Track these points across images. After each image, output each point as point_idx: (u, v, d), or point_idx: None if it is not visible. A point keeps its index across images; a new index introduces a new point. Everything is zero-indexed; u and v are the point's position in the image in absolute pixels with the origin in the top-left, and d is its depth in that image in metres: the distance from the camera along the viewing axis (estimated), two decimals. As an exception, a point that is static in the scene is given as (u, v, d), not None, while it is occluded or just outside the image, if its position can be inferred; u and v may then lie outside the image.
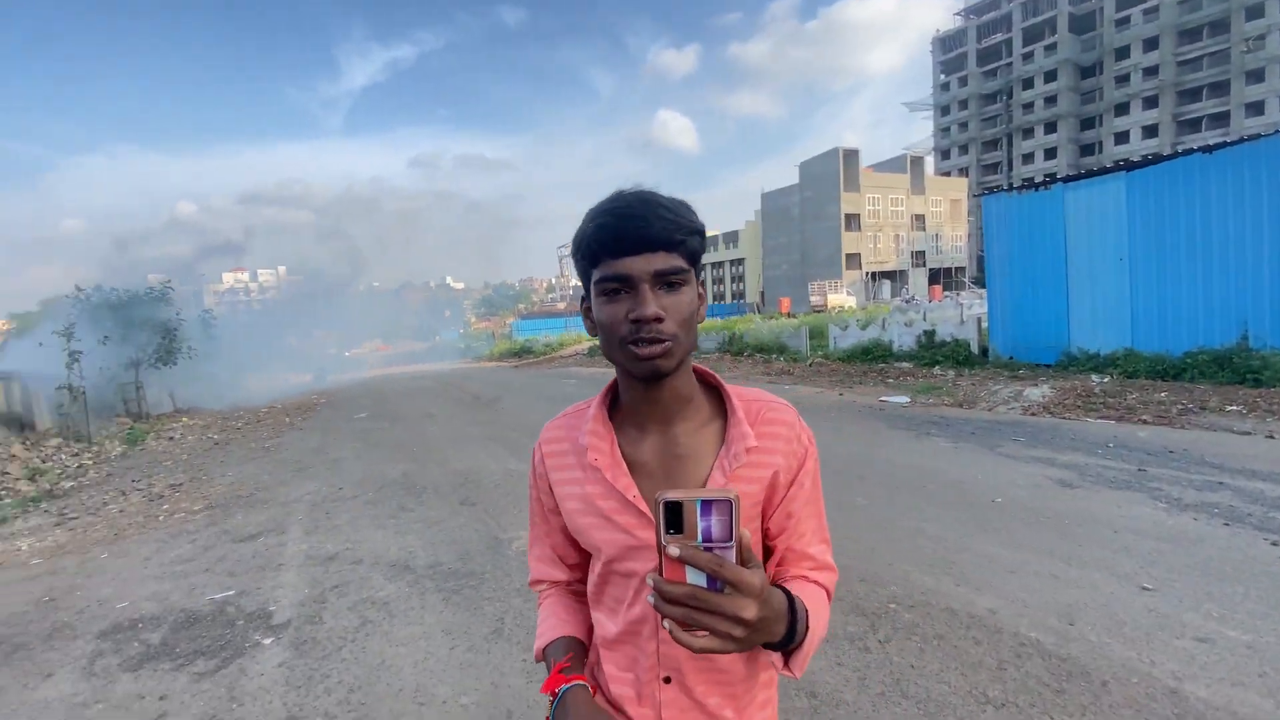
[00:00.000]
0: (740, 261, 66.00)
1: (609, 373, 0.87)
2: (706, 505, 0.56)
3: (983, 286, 16.08)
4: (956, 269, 52.08)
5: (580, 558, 0.94)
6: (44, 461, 9.04)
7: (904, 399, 8.83)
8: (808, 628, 0.70)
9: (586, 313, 0.83)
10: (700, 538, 0.56)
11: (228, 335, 22.01)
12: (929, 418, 7.41)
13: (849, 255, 46.17)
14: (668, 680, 0.82)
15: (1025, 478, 4.78)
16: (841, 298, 33.47)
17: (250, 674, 2.79)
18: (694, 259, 0.78)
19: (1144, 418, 6.59)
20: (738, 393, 0.87)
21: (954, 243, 52.82)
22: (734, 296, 64.58)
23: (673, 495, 0.56)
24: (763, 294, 51.04)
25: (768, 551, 0.87)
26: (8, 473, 8.02)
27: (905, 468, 5.30)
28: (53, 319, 13.49)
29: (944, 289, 40.90)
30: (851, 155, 46.46)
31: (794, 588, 0.78)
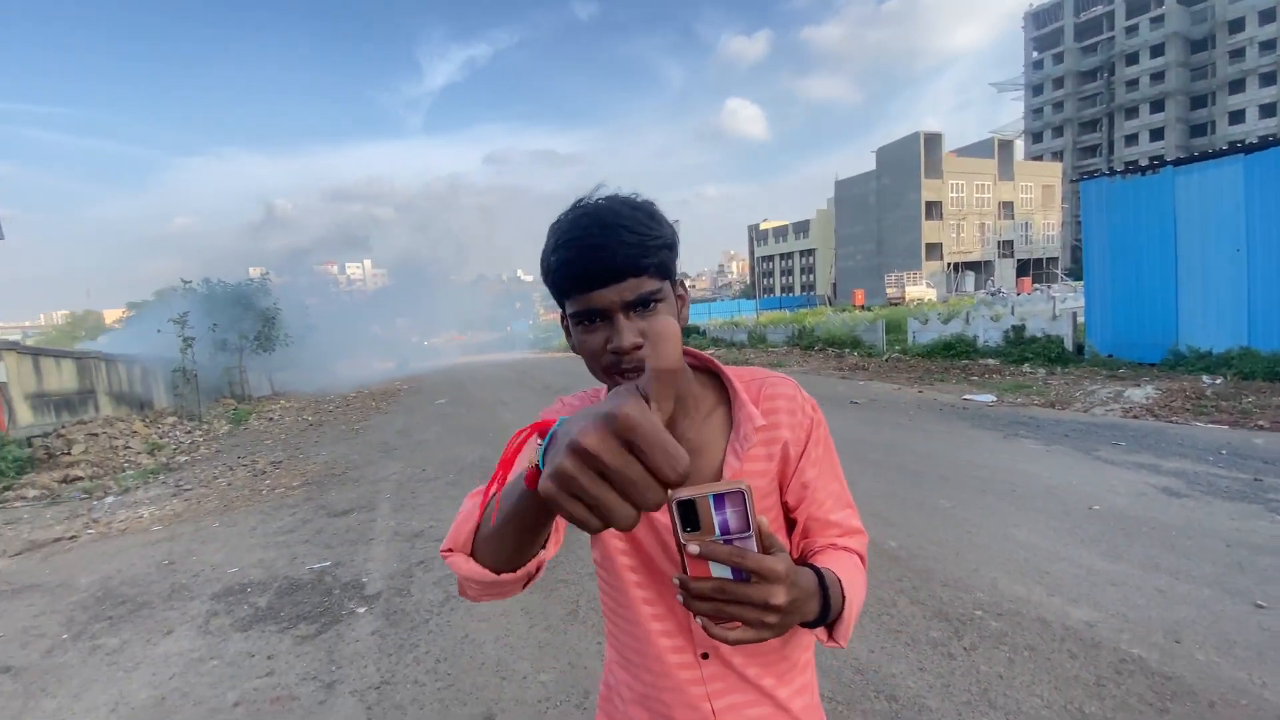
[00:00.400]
0: (810, 252, 64.27)
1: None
2: (719, 498, 0.55)
3: (1077, 279, 14.95)
4: (1048, 260, 48.70)
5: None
6: (161, 437, 10.00)
7: (989, 397, 8.36)
8: (844, 597, 0.69)
9: (567, 329, 0.81)
10: (718, 531, 0.56)
11: (320, 324, 23.54)
12: (1017, 418, 6.98)
13: (929, 245, 44.01)
14: (705, 656, 0.82)
15: (1126, 485, 4.43)
16: (921, 290, 32.03)
17: (347, 640, 2.99)
18: (666, 273, 0.75)
19: (1261, 423, 5.96)
20: (736, 374, 0.85)
21: (1045, 231, 49.40)
22: (804, 288, 63.04)
23: (684, 494, 0.55)
24: (834, 285, 49.61)
25: (791, 525, 0.86)
26: (130, 446, 8.92)
27: (992, 470, 5.03)
28: (166, 308, 14.84)
29: (1034, 281, 38.32)
30: (933, 140, 44.17)
31: (823, 559, 0.77)
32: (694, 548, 0.55)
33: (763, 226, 72.36)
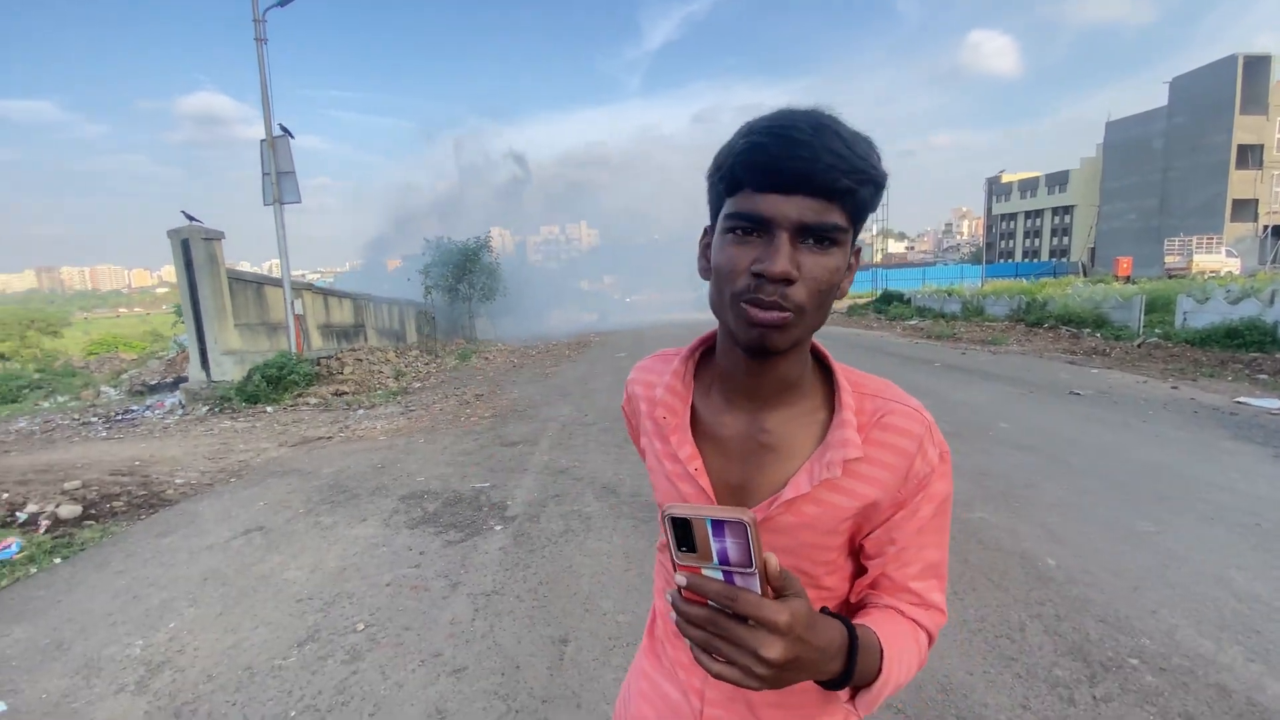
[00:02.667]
0: (1068, 210, 53.90)
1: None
2: (718, 525, 0.49)
3: None
4: None
5: None
6: (405, 367, 12.20)
7: (1276, 403, 6.42)
8: (880, 670, 0.60)
9: (705, 250, 0.69)
10: (715, 559, 0.50)
11: (537, 278, 26.39)
12: (1312, 433, 5.28)
13: (1238, 202, 33.76)
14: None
15: None
16: (1217, 259, 25.08)
17: (480, 550, 3.50)
18: (858, 215, 0.61)
19: None
20: (856, 383, 0.71)
21: None
22: (1053, 254, 53.33)
23: (679, 510, 0.50)
24: (1093, 251, 41.10)
25: (861, 569, 0.73)
26: (383, 371, 11.05)
27: (1236, 495, 3.93)
28: (418, 260, 17.80)
29: None
30: (1257, 64, 32.84)
31: (877, 619, 0.67)
32: (680, 578, 0.50)
33: (1004, 179, 62.08)
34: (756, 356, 0.65)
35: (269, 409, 8.43)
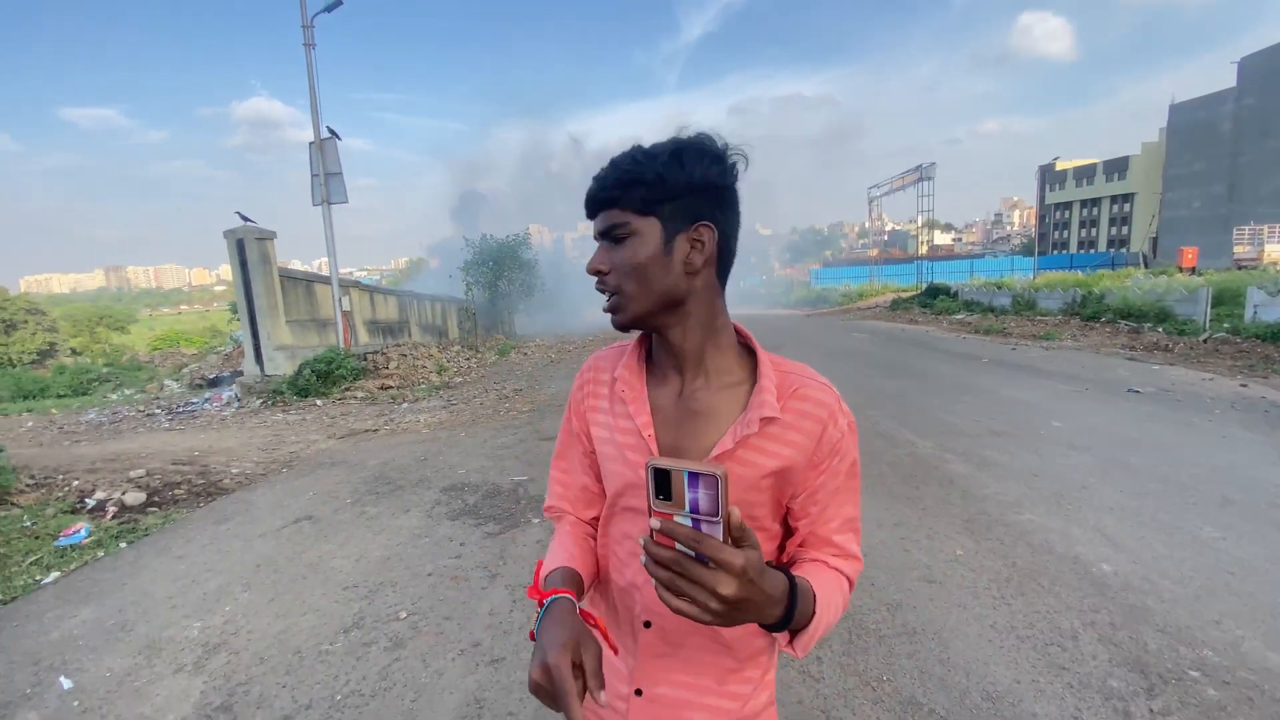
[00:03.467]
0: (1127, 198, 51.40)
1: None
2: (694, 477, 0.56)
3: None
4: None
5: (599, 490, 0.95)
6: (447, 361, 12.47)
7: (1361, 402, 5.98)
8: (814, 612, 0.70)
9: None
10: (687, 507, 0.57)
11: (576, 275, 26.57)
12: (1402, 435, 4.91)
13: (1321, 187, 31.66)
14: (648, 625, 0.83)
15: None
16: (1294, 249, 23.48)
17: (518, 543, 3.55)
18: (648, 206, 0.76)
19: None
20: (776, 362, 0.83)
21: None
22: (1111, 244, 50.85)
23: (661, 463, 0.57)
24: (1154, 241, 39.00)
25: (787, 529, 0.85)
26: (426, 366, 11.32)
27: (1314, 500, 3.68)
28: (458, 257, 18.14)
29: None
30: None
31: (807, 570, 0.78)
32: (655, 523, 0.58)
33: (1059, 166, 59.42)
34: (620, 331, 0.83)
35: (318, 402, 8.74)
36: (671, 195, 0.75)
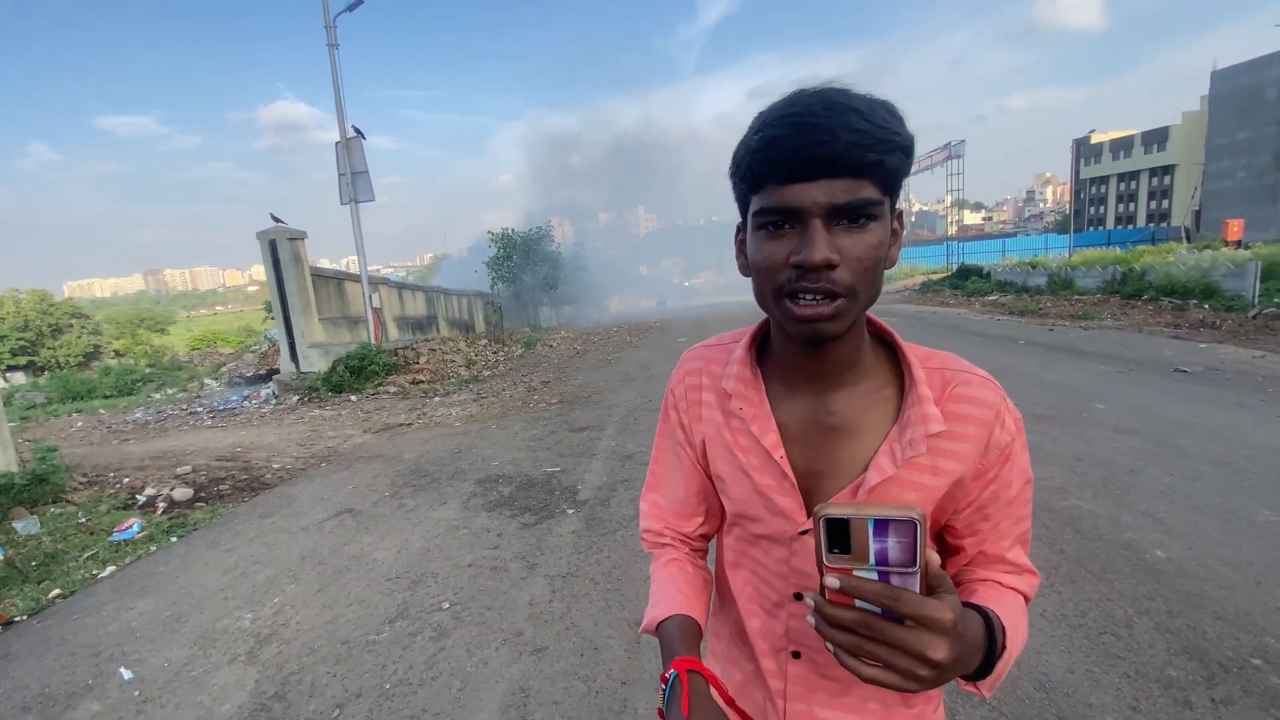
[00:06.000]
0: (1167, 170, 49.40)
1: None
2: (882, 525, 0.47)
3: None
4: None
5: (709, 503, 0.83)
6: (476, 355, 12.60)
7: None
8: (1003, 648, 0.58)
9: (740, 247, 0.68)
10: (873, 560, 0.48)
11: (596, 266, 26.62)
12: None
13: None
14: (796, 655, 0.74)
15: None
16: (1351, 218, 22.29)
17: (555, 533, 3.58)
18: (891, 185, 0.59)
19: None
20: (921, 356, 0.69)
21: None
22: (1151, 218, 49.06)
23: (837, 511, 0.48)
24: (1197, 214, 37.48)
25: (948, 547, 0.73)
26: (455, 360, 11.45)
27: (1382, 481, 3.51)
28: (483, 252, 18.30)
29: None
30: None
31: (984, 594, 0.67)
32: (832, 581, 0.48)
33: (1094, 139, 57.31)
34: (813, 346, 0.65)
35: (353, 398, 8.92)
36: (908, 167, 0.60)
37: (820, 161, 0.55)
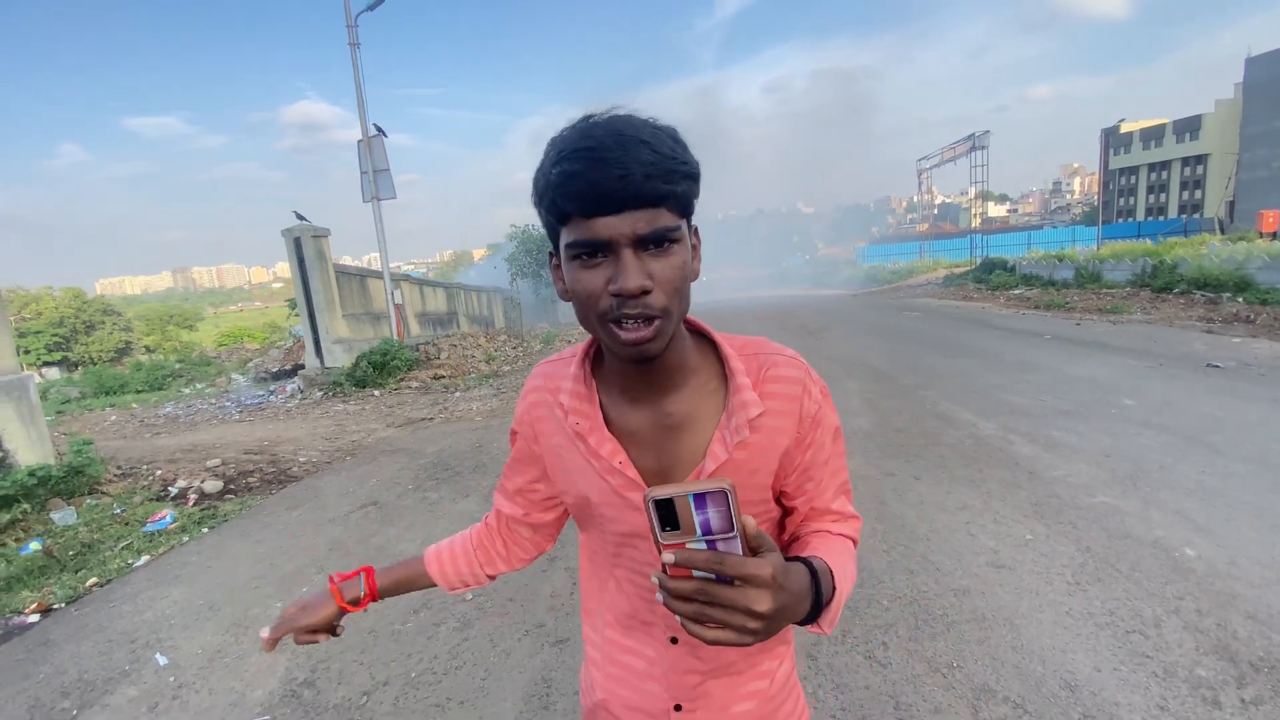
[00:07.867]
0: (1200, 160, 48.03)
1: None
2: (700, 498, 0.52)
3: None
4: None
5: (548, 503, 0.93)
6: (495, 351, 12.71)
7: None
8: (834, 587, 0.65)
9: (557, 273, 0.70)
10: (699, 531, 0.53)
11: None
12: None
13: None
14: (674, 640, 0.79)
15: None
16: (1396, 207, 21.47)
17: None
18: (685, 208, 0.64)
19: None
20: (735, 346, 0.76)
21: None
22: (1183, 209, 47.68)
23: (661, 492, 0.52)
24: (1231, 205, 36.37)
25: (786, 511, 0.81)
26: (475, 356, 11.56)
27: None
28: (502, 249, 18.42)
29: None
30: None
31: (814, 545, 0.74)
32: (669, 557, 0.53)
33: (1124, 129, 55.82)
34: (641, 363, 0.69)
35: (376, 393, 9.06)
36: (696, 191, 0.65)
37: (619, 196, 0.59)
